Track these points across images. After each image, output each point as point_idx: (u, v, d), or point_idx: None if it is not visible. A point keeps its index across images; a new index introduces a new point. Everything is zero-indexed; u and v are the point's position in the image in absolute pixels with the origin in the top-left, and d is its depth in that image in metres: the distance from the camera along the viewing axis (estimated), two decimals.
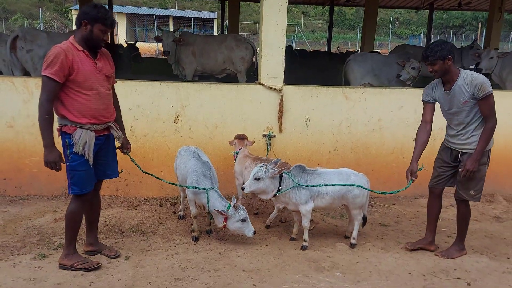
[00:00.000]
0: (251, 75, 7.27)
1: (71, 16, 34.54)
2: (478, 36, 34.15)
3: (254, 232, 3.86)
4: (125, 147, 3.68)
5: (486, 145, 3.64)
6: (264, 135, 5.16)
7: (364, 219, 4.16)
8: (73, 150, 3.24)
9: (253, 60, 7.68)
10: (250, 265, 3.65)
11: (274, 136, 5.16)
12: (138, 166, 3.90)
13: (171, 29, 35.40)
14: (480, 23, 51.26)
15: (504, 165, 5.60)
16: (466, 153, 3.72)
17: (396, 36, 45.24)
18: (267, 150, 5.08)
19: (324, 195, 3.89)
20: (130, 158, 3.80)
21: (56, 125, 3.31)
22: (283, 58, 5.02)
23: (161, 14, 34.70)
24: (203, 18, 37.09)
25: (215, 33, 36.88)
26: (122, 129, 3.65)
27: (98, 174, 3.50)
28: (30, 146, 4.92)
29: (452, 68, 3.60)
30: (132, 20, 34.16)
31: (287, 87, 5.08)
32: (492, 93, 3.53)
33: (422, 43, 39.24)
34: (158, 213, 4.75)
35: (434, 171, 4.02)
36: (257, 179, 3.75)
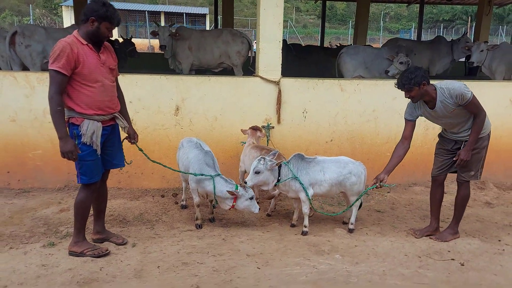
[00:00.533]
0: (249, 69, 7.38)
1: (61, 12, 34.34)
2: (468, 30, 34.50)
3: (259, 209, 4.07)
4: (132, 137, 3.80)
5: (477, 136, 3.82)
6: (263, 127, 5.28)
7: (360, 204, 4.32)
8: (81, 140, 3.36)
9: (249, 54, 7.79)
10: (253, 249, 3.80)
11: (273, 127, 5.29)
12: (146, 155, 4.02)
13: (163, 25, 35.36)
14: (469, 17, 51.73)
15: (494, 153, 5.74)
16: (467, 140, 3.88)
17: (387, 30, 45.55)
18: (267, 141, 5.21)
19: (322, 183, 4.04)
20: (138, 147, 3.91)
21: None
22: (281, 51, 5.15)
23: (153, 10, 34.59)
24: (195, 13, 37.07)
25: (208, 29, 36.98)
26: (127, 119, 3.77)
27: (105, 164, 3.62)
28: (33, 140, 5.00)
29: (428, 90, 3.72)
30: (124, 16, 34.03)
31: (285, 80, 5.21)
32: (472, 95, 3.68)
33: (414, 37, 39.55)
34: (161, 203, 4.87)
35: (436, 161, 4.18)
36: (257, 172, 3.88)
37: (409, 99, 3.87)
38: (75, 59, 3.23)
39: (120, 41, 8.98)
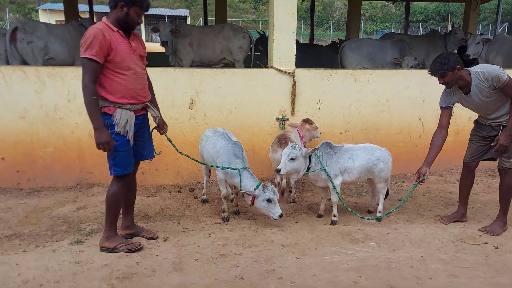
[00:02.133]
0: (257, 64, 7.32)
1: (36, 16, 33.52)
2: (448, 28, 35.21)
3: (281, 215, 3.78)
4: (162, 127, 3.68)
5: None
6: (277, 119, 5.23)
7: (387, 192, 4.30)
8: (115, 130, 3.23)
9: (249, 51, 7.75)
10: (287, 240, 3.73)
11: (287, 119, 5.23)
12: (174, 146, 3.91)
13: (143, 27, 34.78)
14: (443, 17, 52.90)
15: None
16: (507, 125, 3.77)
17: (363, 32, 46.07)
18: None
19: (352, 170, 4.00)
20: (167, 138, 3.80)
21: None
22: (294, 41, 5.11)
23: None
24: (176, 15, 36.77)
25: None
26: (157, 109, 3.65)
27: (135, 155, 3.49)
28: (43, 137, 4.81)
29: (462, 74, 3.66)
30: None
31: (299, 71, 5.16)
32: (509, 77, 3.61)
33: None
34: (179, 198, 4.75)
35: (470, 147, 4.12)
36: (292, 159, 3.77)
37: (443, 86, 3.81)
38: (108, 46, 3.11)
39: None
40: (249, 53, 7.76)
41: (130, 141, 3.31)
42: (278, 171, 3.79)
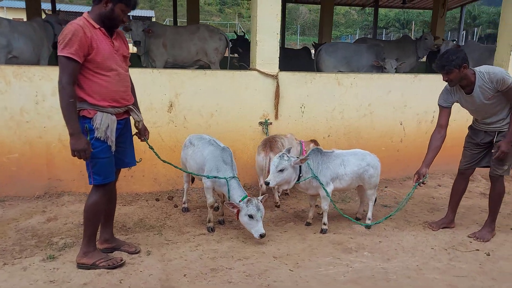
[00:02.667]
0: (242, 66, 7.11)
1: None
2: (412, 35, 36.27)
3: (262, 235, 3.47)
4: (143, 133, 3.41)
5: None
6: (260, 123, 5.05)
7: (375, 200, 4.21)
8: (95, 135, 2.94)
9: (226, 52, 7.55)
10: (278, 251, 3.54)
11: (271, 123, 5.06)
12: (156, 154, 3.64)
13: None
14: (403, 24, 54.59)
15: None
16: (502, 131, 3.73)
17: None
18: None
19: (343, 176, 3.87)
20: (149, 145, 3.53)
21: None
22: (278, 43, 4.95)
23: None
24: (140, 16, 35.97)
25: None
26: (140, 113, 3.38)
27: (116, 163, 3.20)
28: (8, 142, 4.41)
29: (468, 73, 3.57)
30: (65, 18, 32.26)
31: (282, 73, 5.01)
32: None
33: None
34: (158, 207, 4.47)
35: (465, 154, 4.05)
36: (281, 170, 3.58)
37: (446, 83, 3.72)
38: (89, 44, 2.82)
39: None
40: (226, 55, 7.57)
41: (111, 147, 3.03)
42: (267, 183, 3.58)
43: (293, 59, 9.22)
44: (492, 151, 3.79)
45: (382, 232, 4.01)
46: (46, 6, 13.04)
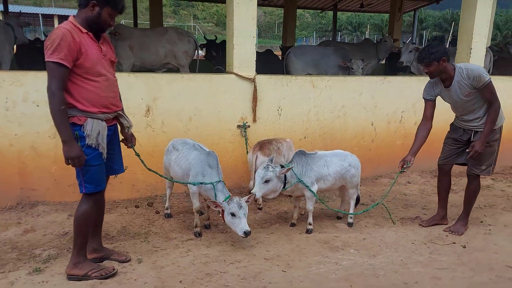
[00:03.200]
0: (219, 69, 7.08)
1: None
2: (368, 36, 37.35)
3: (246, 233, 3.41)
4: (130, 140, 3.35)
5: (492, 127, 3.84)
6: (238, 126, 5.07)
7: (358, 198, 4.34)
8: (86, 142, 2.87)
9: (195, 55, 7.51)
10: (268, 252, 3.59)
11: (249, 126, 5.10)
12: (142, 162, 3.57)
13: None
14: (354, 27, 56.21)
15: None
16: (479, 131, 3.91)
17: (279, 38, 47.16)
18: (246, 141, 5.00)
19: (327, 177, 3.97)
20: (135, 152, 3.47)
21: None
22: (255, 46, 4.99)
23: (47, 13, 31.83)
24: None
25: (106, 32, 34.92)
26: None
27: (105, 170, 3.13)
28: None
29: (447, 68, 3.75)
30: (17, 19, 30.74)
31: (260, 76, 5.05)
32: (490, 80, 3.73)
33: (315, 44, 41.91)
34: (139, 214, 4.39)
35: (443, 149, 4.24)
36: (266, 181, 3.62)
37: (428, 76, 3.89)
38: (77, 49, 2.76)
39: (42, 40, 8.04)
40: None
41: (103, 154, 2.96)
42: (254, 194, 3.62)
43: (262, 62, 9.31)
44: (467, 150, 3.98)
45: (364, 230, 4.14)
46: None
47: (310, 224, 4.02)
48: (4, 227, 3.95)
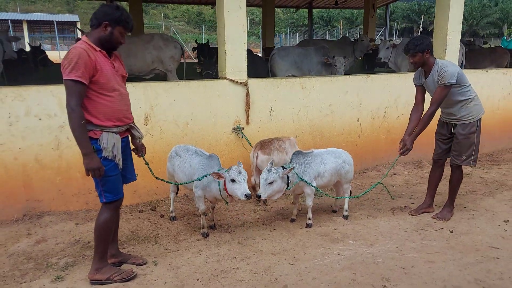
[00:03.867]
0: (208, 74, 7.25)
1: None
2: (341, 34, 37.94)
3: (247, 195, 3.57)
4: (140, 149, 3.54)
5: (422, 127, 4.17)
6: (233, 129, 5.28)
7: (349, 192, 4.63)
8: (102, 155, 3.04)
9: (182, 60, 7.68)
10: (274, 248, 3.83)
11: (243, 128, 5.32)
12: (150, 170, 3.76)
13: (26, 35, 31.97)
14: (326, 21, 56.90)
15: (425, 136, 6.58)
16: (458, 124, 4.26)
17: (255, 35, 47.51)
18: (247, 141, 5.21)
19: (324, 173, 4.23)
20: (145, 161, 3.65)
21: (68, 131, 3.06)
22: (246, 52, 5.21)
23: (14, 19, 31.09)
24: (63, 21, 34.32)
25: (79, 37, 34.46)
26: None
27: None
28: None
29: (429, 60, 4.07)
30: None
31: (251, 80, 5.28)
32: (448, 86, 4.01)
33: (290, 41, 42.42)
34: (145, 219, 4.57)
35: (435, 145, 4.55)
36: (270, 183, 3.85)
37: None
38: (93, 66, 2.93)
39: (27, 50, 8.05)
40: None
41: (119, 165, 3.14)
42: (259, 196, 3.84)
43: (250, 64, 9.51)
44: (400, 142, 4.31)
45: (360, 221, 4.44)
46: None
47: (309, 219, 4.28)
48: (15, 238, 4.06)
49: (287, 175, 3.99)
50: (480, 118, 4.32)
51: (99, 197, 3.14)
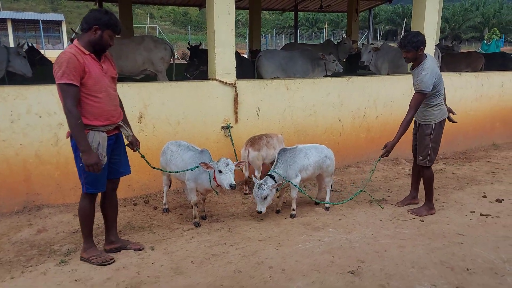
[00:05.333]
0: (185, 76, 7.55)
1: None
2: (326, 36, 38.47)
3: (231, 186, 3.89)
4: (135, 144, 3.82)
5: (402, 131, 4.40)
6: (222, 127, 5.61)
7: (331, 185, 5.00)
8: None
9: (172, 61, 7.97)
10: (260, 235, 4.17)
11: (231, 126, 5.65)
12: (147, 162, 4.06)
13: (10, 33, 31.71)
14: (312, 23, 57.48)
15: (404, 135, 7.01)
16: (420, 124, 4.59)
17: (241, 36, 47.80)
18: (231, 140, 5.55)
19: (308, 167, 4.59)
20: (141, 154, 3.95)
21: (67, 128, 3.35)
22: (234, 55, 5.55)
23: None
24: (48, 20, 34.24)
25: (65, 37, 34.45)
26: (129, 127, 3.78)
27: (113, 173, 3.62)
28: None
29: (421, 57, 4.33)
30: None
31: (239, 82, 5.61)
32: (421, 93, 4.24)
33: (276, 42, 42.79)
34: (139, 211, 4.86)
35: (413, 140, 4.85)
36: (265, 197, 4.27)
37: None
38: (82, 69, 3.18)
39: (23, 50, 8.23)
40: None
41: (103, 161, 3.38)
42: (260, 212, 4.29)
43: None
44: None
45: (339, 212, 4.81)
46: None
47: (293, 210, 4.64)
48: (17, 228, 4.32)
49: (274, 180, 4.35)
50: (440, 123, 4.51)
51: (82, 186, 3.44)
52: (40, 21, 30.90)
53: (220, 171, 4.01)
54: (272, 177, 4.37)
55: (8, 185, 4.68)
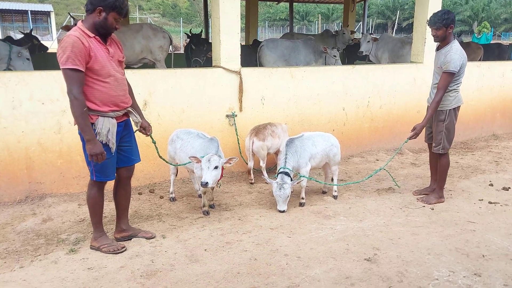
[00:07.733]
0: (196, 61, 7.43)
1: None
2: (317, 27, 38.36)
3: (202, 183, 3.84)
4: (147, 129, 3.72)
5: (432, 112, 4.37)
6: (227, 116, 5.52)
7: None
8: (97, 139, 3.18)
9: (170, 50, 7.84)
10: (272, 223, 4.11)
11: (236, 115, 5.56)
12: (156, 150, 3.98)
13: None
14: (302, 16, 57.34)
15: (405, 125, 6.97)
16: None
17: None
18: (235, 129, 5.47)
19: (316, 155, 4.54)
20: (152, 140, 3.87)
21: (70, 115, 3.24)
22: (239, 42, 5.45)
23: None
24: (37, 11, 33.58)
25: (53, 28, 33.86)
26: (139, 113, 3.68)
27: (124, 161, 3.53)
28: None
29: (449, 36, 4.26)
30: None
31: (244, 69, 5.52)
32: (451, 73, 4.16)
33: (268, 35, 42.66)
34: (145, 200, 4.77)
35: (426, 129, 4.77)
36: (287, 196, 4.29)
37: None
38: (87, 53, 3.04)
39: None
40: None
41: (112, 149, 3.29)
42: (283, 211, 4.34)
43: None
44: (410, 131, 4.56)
45: (348, 201, 4.77)
46: None
47: (303, 198, 4.58)
48: (21, 218, 4.20)
49: (290, 176, 4.30)
50: (455, 109, 4.47)
51: (90, 174, 3.33)
52: (29, 12, 30.27)
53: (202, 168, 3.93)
54: (286, 173, 4.30)
55: (9, 173, 4.55)
